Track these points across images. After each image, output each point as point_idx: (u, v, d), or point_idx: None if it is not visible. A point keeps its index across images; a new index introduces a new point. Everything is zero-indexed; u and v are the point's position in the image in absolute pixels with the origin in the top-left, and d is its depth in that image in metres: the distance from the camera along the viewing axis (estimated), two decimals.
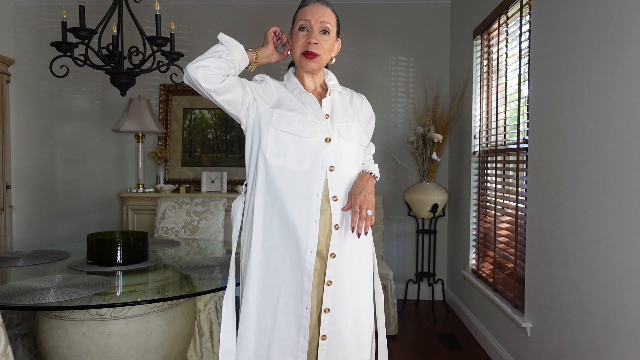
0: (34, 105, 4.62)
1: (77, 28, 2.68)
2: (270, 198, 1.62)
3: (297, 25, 1.67)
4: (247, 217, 1.67)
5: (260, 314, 1.62)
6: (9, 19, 4.54)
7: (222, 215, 3.42)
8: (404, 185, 4.51)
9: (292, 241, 1.60)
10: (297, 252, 1.60)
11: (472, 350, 3.39)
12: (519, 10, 2.89)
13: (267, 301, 1.62)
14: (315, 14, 1.64)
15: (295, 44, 1.67)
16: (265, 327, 1.61)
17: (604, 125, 1.96)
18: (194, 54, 4.50)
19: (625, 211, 1.81)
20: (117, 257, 2.30)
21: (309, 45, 1.64)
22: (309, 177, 1.61)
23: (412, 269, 4.55)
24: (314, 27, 1.64)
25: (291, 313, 1.60)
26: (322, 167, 1.63)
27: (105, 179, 4.64)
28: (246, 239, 1.67)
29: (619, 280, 1.85)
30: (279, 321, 1.60)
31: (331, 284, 1.64)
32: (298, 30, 1.66)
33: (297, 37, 1.66)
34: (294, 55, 1.69)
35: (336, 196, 1.64)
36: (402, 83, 4.56)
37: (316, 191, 1.61)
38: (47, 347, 2.00)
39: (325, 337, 1.63)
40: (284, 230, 1.61)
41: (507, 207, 3.11)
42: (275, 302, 1.61)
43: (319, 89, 1.76)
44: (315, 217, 1.61)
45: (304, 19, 1.65)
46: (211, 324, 2.76)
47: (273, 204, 1.62)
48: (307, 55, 1.64)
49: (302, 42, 1.65)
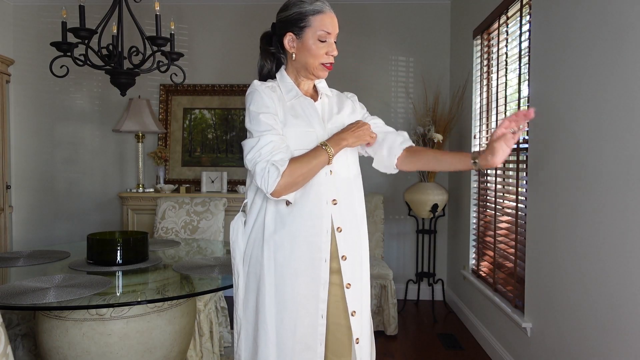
0: (34, 105, 4.62)
1: (77, 28, 2.68)
2: (280, 212, 1.59)
3: (315, 35, 1.62)
4: (254, 235, 1.63)
5: (279, 334, 1.57)
6: (9, 19, 4.54)
7: (222, 215, 3.42)
8: (404, 185, 4.51)
9: (305, 253, 1.58)
10: (311, 262, 1.58)
11: (472, 350, 3.39)
12: (519, 10, 2.89)
13: (285, 316, 1.57)
14: (334, 25, 1.64)
15: (315, 55, 1.63)
16: (286, 343, 1.57)
17: (603, 125, 1.96)
18: (194, 54, 4.56)
19: (624, 211, 1.81)
20: (117, 257, 2.30)
21: (330, 57, 1.65)
22: (315, 185, 1.60)
23: (412, 269, 4.55)
24: (332, 39, 1.65)
25: (308, 324, 1.58)
26: (324, 173, 1.61)
27: (105, 179, 4.64)
28: (254, 258, 1.62)
29: (619, 280, 1.85)
30: (298, 333, 1.58)
31: (350, 286, 1.64)
32: (318, 41, 1.62)
33: (317, 47, 1.63)
34: (309, 63, 1.65)
35: (335, 200, 1.63)
36: (402, 83, 4.56)
37: (325, 198, 1.61)
38: (47, 347, 2.00)
39: (359, 341, 1.64)
40: (296, 243, 1.59)
41: (507, 207, 3.11)
42: (294, 317, 1.57)
43: (310, 91, 1.75)
44: (327, 225, 1.60)
45: (326, 30, 1.62)
46: (211, 324, 2.76)
47: (283, 218, 1.59)
48: (327, 66, 1.66)
49: (323, 53, 1.64)
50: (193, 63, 4.54)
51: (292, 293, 1.56)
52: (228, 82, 4.58)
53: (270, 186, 1.49)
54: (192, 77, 4.54)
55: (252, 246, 1.62)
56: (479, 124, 3.73)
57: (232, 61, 4.57)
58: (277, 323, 1.57)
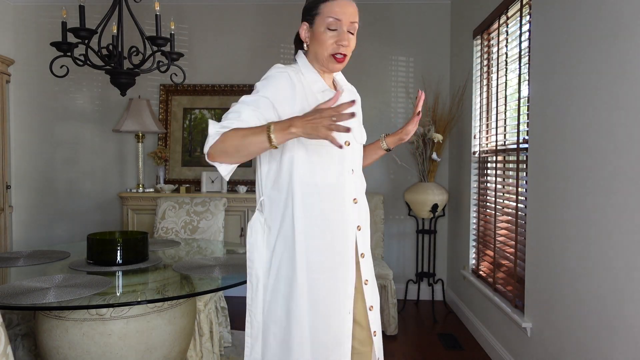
0: (34, 105, 4.62)
1: (77, 28, 2.68)
2: (309, 214, 1.56)
3: (324, 23, 1.53)
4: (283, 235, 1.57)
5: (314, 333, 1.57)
6: (9, 19, 4.54)
7: (222, 215, 3.42)
8: (404, 185, 4.51)
9: (337, 252, 1.59)
10: (341, 260, 1.60)
11: (472, 350, 3.39)
12: (519, 10, 2.89)
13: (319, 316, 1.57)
14: (345, 13, 1.53)
15: (323, 44, 1.55)
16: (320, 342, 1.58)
17: (604, 125, 1.96)
18: (194, 54, 4.56)
19: (625, 210, 1.81)
20: (117, 257, 2.30)
21: (339, 47, 1.55)
22: (340, 185, 1.60)
23: (412, 269, 4.55)
24: (344, 27, 1.54)
25: (339, 320, 1.60)
26: (347, 172, 1.62)
27: (105, 179, 4.64)
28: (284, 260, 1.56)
29: (619, 280, 1.85)
30: (331, 331, 1.59)
31: (367, 282, 1.69)
32: (327, 30, 1.54)
33: (325, 37, 1.54)
34: (319, 53, 1.57)
35: (356, 198, 1.66)
36: (402, 83, 4.56)
37: (349, 197, 1.62)
38: (47, 347, 2.00)
39: (376, 333, 1.70)
40: (328, 242, 1.57)
41: (507, 207, 3.11)
42: (326, 315, 1.58)
43: (332, 86, 1.70)
44: (353, 224, 1.63)
45: (335, 17, 1.52)
46: (211, 324, 2.76)
47: (311, 220, 1.56)
48: (338, 58, 1.56)
49: (331, 43, 1.54)
50: (193, 63, 4.54)
51: (326, 292, 1.57)
52: (228, 82, 4.58)
53: (206, 146, 1.45)
54: (192, 77, 4.54)
55: (281, 247, 1.57)
56: (479, 124, 3.73)
57: (232, 61, 4.57)
58: (311, 322, 1.56)
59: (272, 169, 1.59)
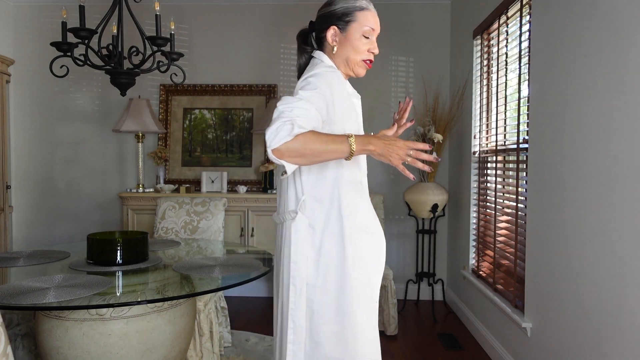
0: (34, 105, 4.62)
1: (77, 28, 2.68)
2: (354, 210, 1.63)
3: (360, 30, 1.67)
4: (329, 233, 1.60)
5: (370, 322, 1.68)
6: (9, 19, 4.54)
7: (222, 215, 3.42)
8: (404, 185, 4.51)
9: (376, 245, 1.71)
10: (377, 252, 1.72)
11: (472, 350, 3.39)
12: (519, 10, 2.89)
13: (370, 306, 1.68)
14: (377, 23, 1.70)
15: (357, 50, 1.67)
16: (373, 329, 1.70)
17: (604, 125, 1.96)
18: (194, 54, 4.56)
19: (625, 211, 1.81)
20: (117, 257, 2.30)
21: (371, 54, 1.70)
22: (365, 183, 1.73)
23: (412, 269, 4.55)
24: (374, 36, 1.70)
25: (375, 308, 1.73)
26: (365, 173, 1.74)
27: (105, 179, 4.64)
28: (334, 258, 1.60)
29: (619, 280, 1.85)
30: (373, 319, 1.71)
31: None
32: (362, 37, 1.67)
33: (360, 44, 1.67)
34: (351, 58, 1.68)
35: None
36: (402, 83, 4.56)
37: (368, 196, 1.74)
38: (47, 347, 2.00)
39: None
40: (372, 236, 1.69)
41: (507, 207, 3.11)
42: (372, 304, 1.70)
43: None
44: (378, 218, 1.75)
45: (370, 27, 1.68)
46: (211, 324, 2.76)
47: (356, 216, 1.64)
48: (368, 64, 1.71)
49: (365, 50, 1.68)
50: (193, 63, 4.54)
51: (373, 284, 1.69)
52: (228, 82, 4.58)
53: (277, 141, 1.35)
54: (192, 77, 4.54)
55: (329, 245, 1.60)
56: (479, 124, 3.73)
57: (232, 61, 4.57)
58: (365, 314, 1.65)
59: (313, 169, 1.61)
